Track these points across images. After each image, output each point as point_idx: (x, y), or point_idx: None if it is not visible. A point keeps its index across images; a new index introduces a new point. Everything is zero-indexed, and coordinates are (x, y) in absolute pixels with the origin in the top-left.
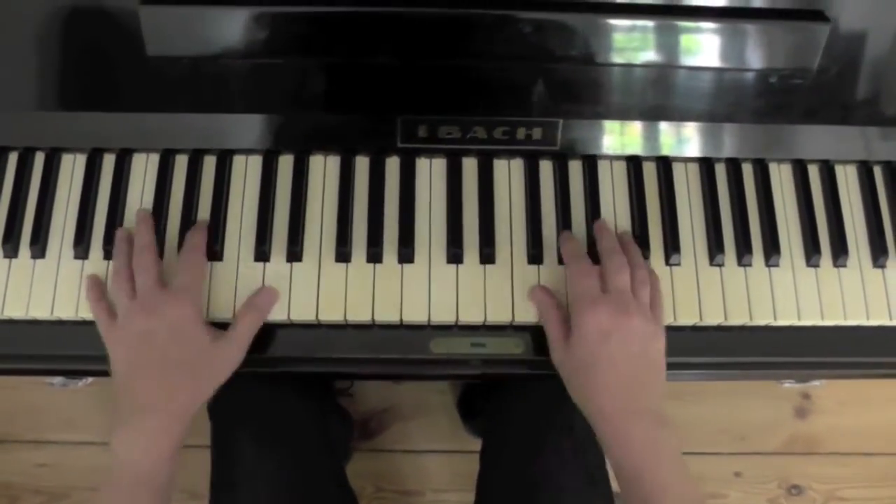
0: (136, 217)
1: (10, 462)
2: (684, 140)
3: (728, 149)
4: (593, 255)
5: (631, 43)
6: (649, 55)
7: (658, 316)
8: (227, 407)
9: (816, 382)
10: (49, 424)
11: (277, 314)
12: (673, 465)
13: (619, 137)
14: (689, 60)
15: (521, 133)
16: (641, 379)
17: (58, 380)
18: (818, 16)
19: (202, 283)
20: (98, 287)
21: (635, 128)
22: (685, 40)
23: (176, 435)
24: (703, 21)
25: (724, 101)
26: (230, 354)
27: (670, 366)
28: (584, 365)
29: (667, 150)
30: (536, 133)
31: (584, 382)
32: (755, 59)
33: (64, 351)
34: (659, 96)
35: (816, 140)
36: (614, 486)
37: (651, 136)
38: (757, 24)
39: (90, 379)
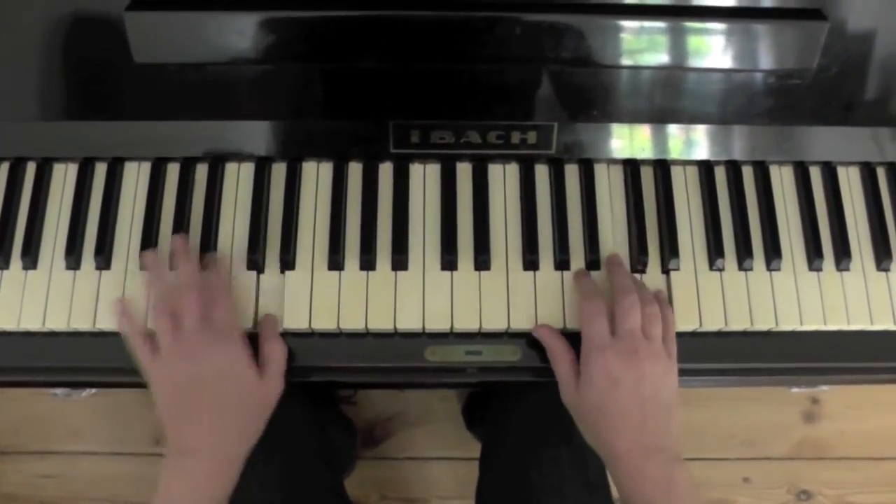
0: (173, 245)
1: (14, 473)
2: (682, 143)
3: (728, 151)
4: (593, 264)
5: (625, 45)
6: (644, 57)
7: (670, 349)
8: None
9: (824, 387)
10: (53, 435)
11: None
12: (686, 503)
13: (616, 141)
14: (685, 62)
15: (515, 137)
16: (653, 420)
17: (61, 390)
18: (816, 14)
19: (237, 313)
20: (134, 324)
21: (632, 131)
22: (681, 41)
23: (229, 477)
24: (700, 21)
25: (723, 103)
26: (276, 389)
27: None
28: (595, 409)
29: (664, 153)
30: (531, 137)
31: (595, 425)
32: (753, 59)
33: (57, 363)
34: (655, 99)
35: (818, 141)
36: (614, 492)
37: (648, 139)
38: (753, 24)
39: (94, 389)
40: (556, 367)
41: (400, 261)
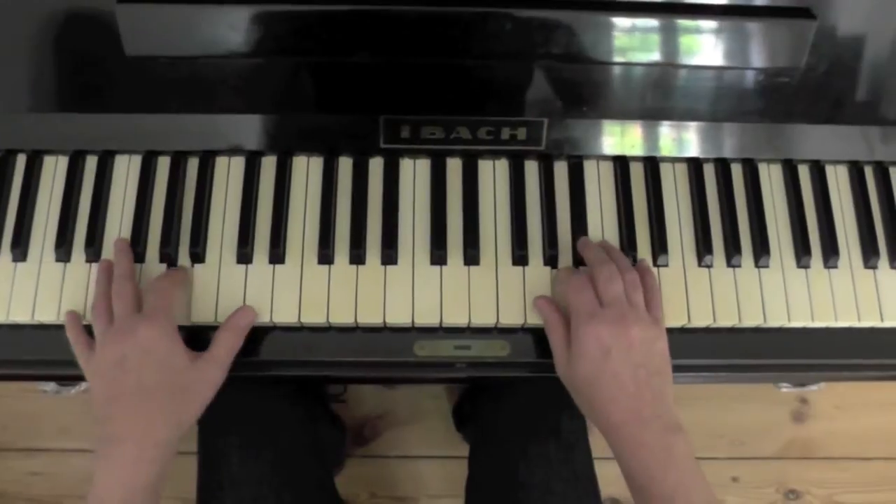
0: (114, 247)
1: (2, 470)
2: (672, 140)
3: (717, 148)
4: (582, 261)
5: (616, 41)
6: (635, 54)
7: (656, 315)
8: (213, 412)
9: (814, 387)
10: (42, 432)
11: (260, 317)
12: (683, 470)
13: (606, 137)
14: (675, 59)
15: (505, 133)
16: (647, 388)
17: (51, 387)
18: (805, 13)
19: (174, 304)
20: (77, 322)
21: (622, 128)
22: (671, 38)
23: (156, 463)
24: (690, 19)
25: (712, 101)
26: (210, 375)
27: None
28: (589, 380)
29: (654, 149)
30: (521, 133)
31: (590, 396)
32: (742, 57)
33: (47, 356)
34: (645, 96)
35: (806, 139)
36: (603, 489)
37: (638, 136)
38: (742, 22)
39: (83, 385)
40: (551, 337)
41: (389, 255)
